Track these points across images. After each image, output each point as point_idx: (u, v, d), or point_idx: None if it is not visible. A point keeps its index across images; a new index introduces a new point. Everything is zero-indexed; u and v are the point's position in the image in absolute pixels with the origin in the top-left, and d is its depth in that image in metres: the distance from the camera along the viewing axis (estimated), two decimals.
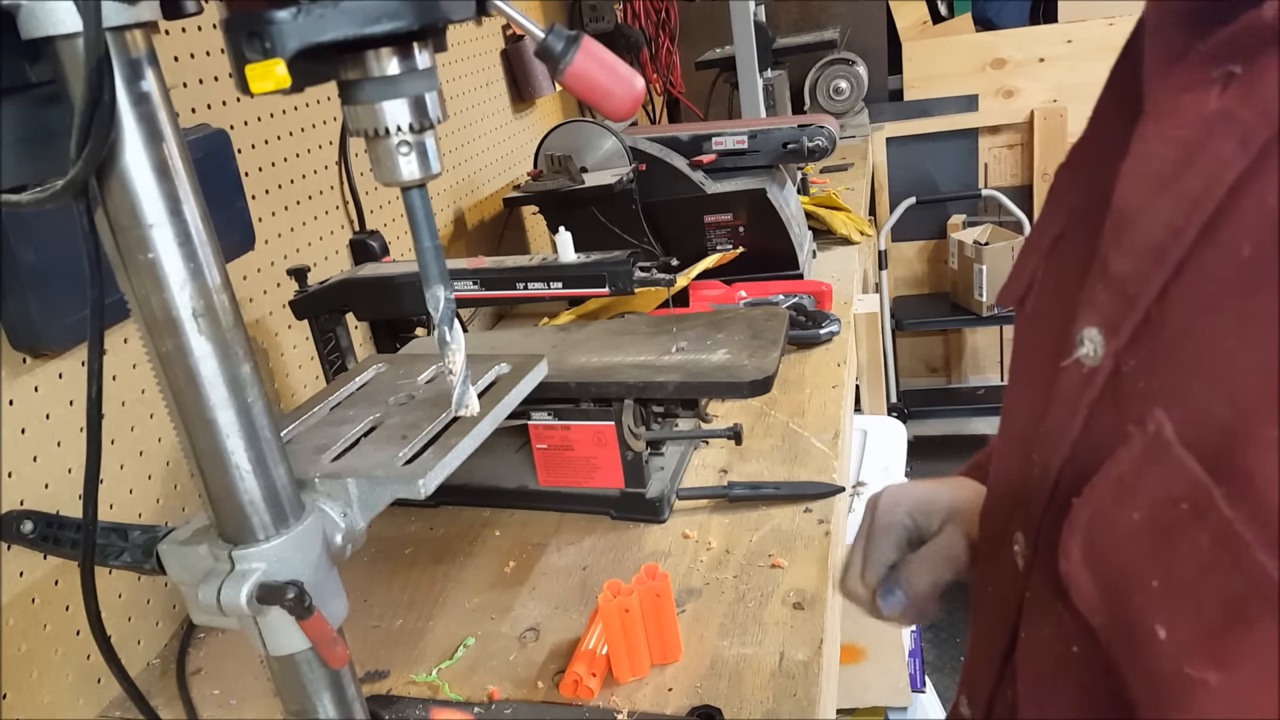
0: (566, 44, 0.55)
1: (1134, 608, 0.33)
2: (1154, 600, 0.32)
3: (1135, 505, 0.33)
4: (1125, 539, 0.33)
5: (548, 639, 0.88)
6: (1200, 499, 0.30)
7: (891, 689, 1.49)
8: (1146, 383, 0.35)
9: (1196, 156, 0.34)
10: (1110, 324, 0.37)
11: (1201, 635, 0.30)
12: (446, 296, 0.56)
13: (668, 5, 2.65)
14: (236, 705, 0.86)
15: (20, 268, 0.75)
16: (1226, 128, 0.33)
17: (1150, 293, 0.35)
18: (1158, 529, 0.32)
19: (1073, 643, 0.40)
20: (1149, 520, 0.32)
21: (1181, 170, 0.34)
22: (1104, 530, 0.35)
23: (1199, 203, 0.33)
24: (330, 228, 1.32)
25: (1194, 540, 0.31)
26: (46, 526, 0.60)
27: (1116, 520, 0.34)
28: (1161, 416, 0.33)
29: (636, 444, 1.03)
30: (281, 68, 0.43)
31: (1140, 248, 0.36)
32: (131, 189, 0.46)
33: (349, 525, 0.60)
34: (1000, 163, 3.38)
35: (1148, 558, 0.32)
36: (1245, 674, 0.29)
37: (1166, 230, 0.34)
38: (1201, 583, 0.30)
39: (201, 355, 0.50)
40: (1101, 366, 0.38)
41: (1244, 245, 0.31)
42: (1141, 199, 0.36)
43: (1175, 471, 0.32)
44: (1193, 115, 0.35)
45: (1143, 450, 0.33)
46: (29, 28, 0.43)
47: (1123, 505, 0.34)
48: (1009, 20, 3.31)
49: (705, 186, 1.56)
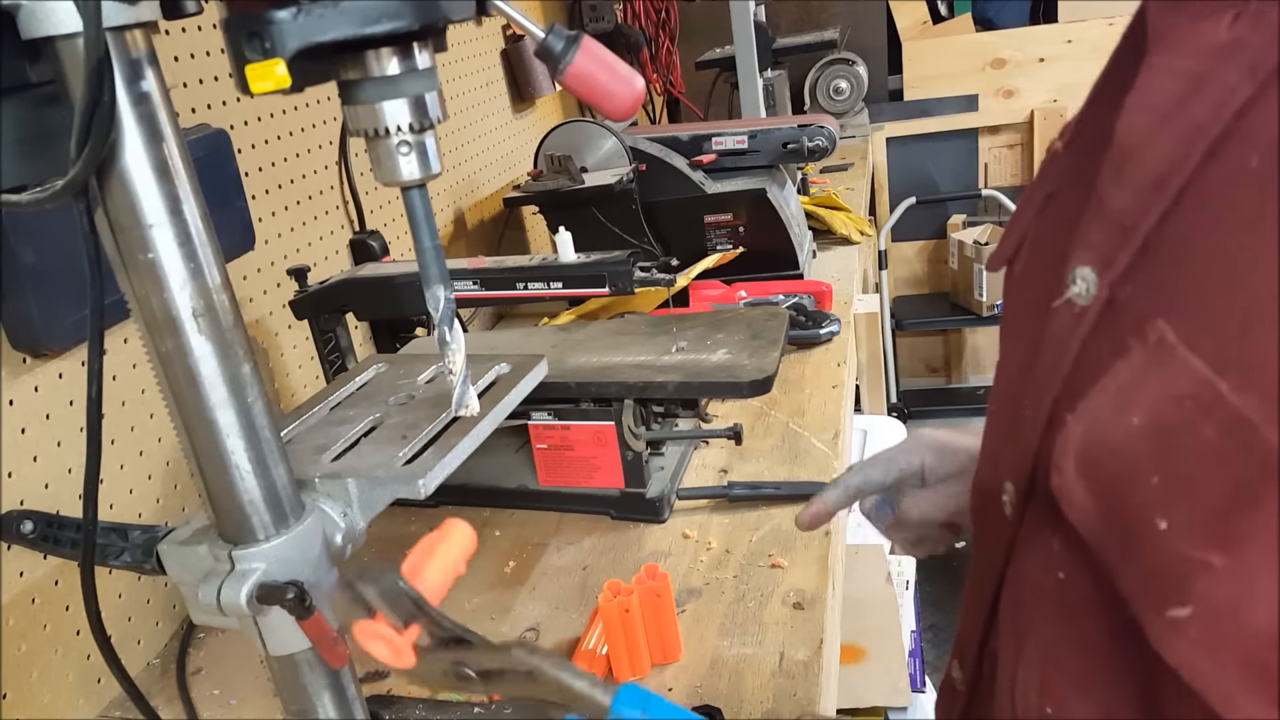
0: (566, 44, 0.55)
1: (1133, 506, 0.33)
2: (1154, 495, 0.32)
3: (1135, 411, 0.33)
4: (1123, 443, 0.34)
5: (548, 639, 0.88)
6: (1205, 394, 0.31)
7: (891, 689, 1.49)
8: (1146, 301, 0.35)
9: (1203, 86, 0.34)
10: (1105, 259, 0.37)
11: (1206, 520, 0.31)
12: (446, 296, 0.56)
13: (668, 5, 2.65)
14: (236, 705, 0.86)
15: (20, 268, 0.75)
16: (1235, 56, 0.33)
17: (1149, 222, 0.35)
18: (1159, 429, 0.32)
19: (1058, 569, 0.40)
20: (1149, 422, 0.33)
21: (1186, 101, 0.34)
22: (1100, 439, 0.35)
23: (1203, 129, 0.33)
24: (330, 228, 1.32)
25: (1198, 433, 0.31)
26: (46, 526, 0.60)
27: (1115, 427, 0.34)
28: (1162, 325, 0.33)
29: (636, 444, 1.03)
30: (281, 68, 0.43)
31: (1140, 181, 0.36)
32: (131, 189, 0.46)
33: (349, 525, 0.60)
34: (1000, 163, 3.38)
35: (1147, 456, 0.33)
36: (1252, 552, 0.30)
37: (1167, 161, 0.34)
38: (1206, 471, 0.31)
39: (201, 355, 0.50)
40: (1095, 300, 0.38)
41: (1251, 158, 0.31)
42: (1144, 133, 0.36)
43: (1178, 372, 0.32)
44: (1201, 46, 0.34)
45: (1144, 358, 0.34)
46: (29, 28, 0.43)
47: (1122, 413, 0.34)
48: (1009, 20, 3.32)
49: (705, 186, 1.56)
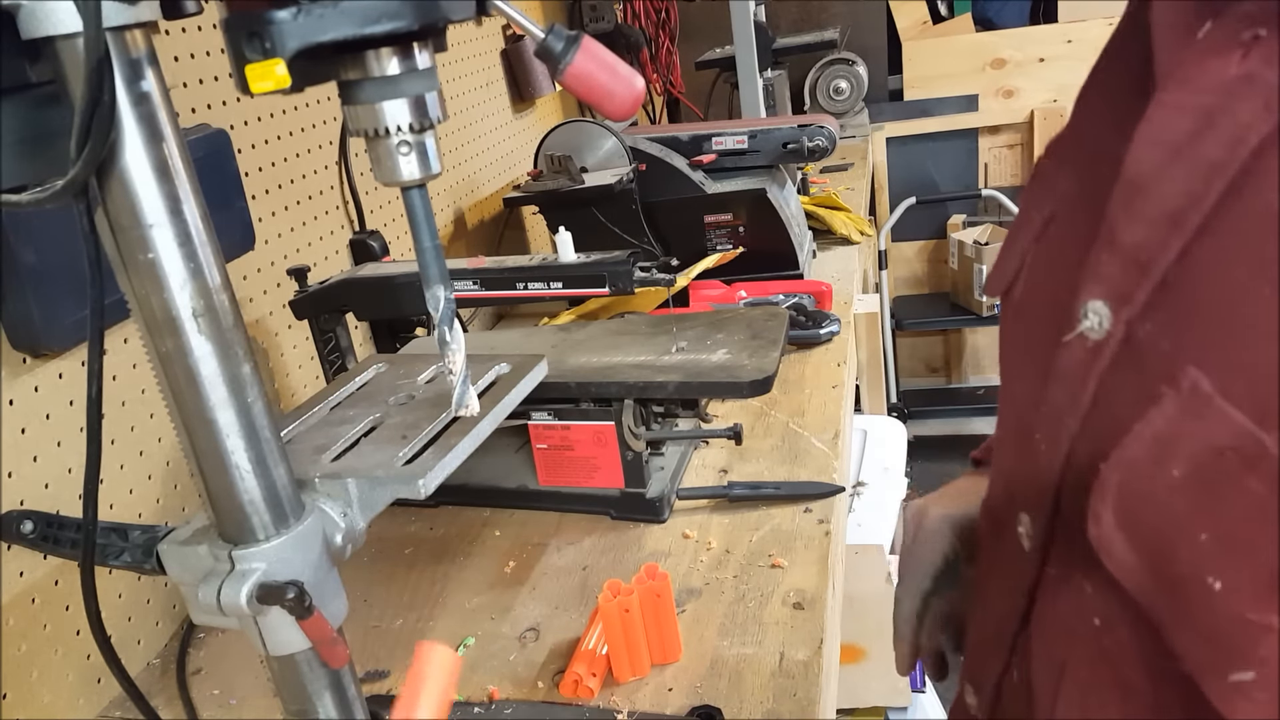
0: (566, 44, 0.55)
1: (1181, 563, 0.32)
2: (1204, 553, 0.32)
3: (1174, 463, 0.33)
4: (1165, 496, 0.33)
5: (548, 639, 0.88)
6: (1248, 447, 0.30)
7: (891, 689, 1.49)
8: (1171, 344, 0.35)
9: (1217, 121, 0.34)
10: (1120, 294, 0.37)
11: (1262, 580, 0.30)
12: (446, 296, 0.56)
13: (668, 5, 2.65)
14: (236, 705, 0.86)
15: (20, 268, 0.75)
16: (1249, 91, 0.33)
17: (1167, 258, 0.35)
18: (1202, 482, 0.32)
19: (1093, 614, 0.40)
20: (1191, 475, 0.32)
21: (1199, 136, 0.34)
22: (1139, 491, 0.34)
23: (1220, 167, 0.33)
24: (330, 228, 1.32)
25: (1244, 488, 0.31)
26: (46, 526, 0.60)
27: (1154, 480, 0.34)
28: (1196, 373, 0.33)
29: (636, 444, 1.03)
30: (281, 68, 0.43)
31: (1154, 215, 0.35)
32: (131, 189, 0.46)
33: (349, 525, 0.60)
34: (1000, 163, 3.38)
35: (1192, 512, 0.32)
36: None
37: (1184, 197, 0.34)
38: (1257, 528, 0.30)
39: (201, 355, 0.50)
40: (1110, 336, 0.37)
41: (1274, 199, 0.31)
42: (1155, 167, 0.36)
43: (1218, 423, 0.31)
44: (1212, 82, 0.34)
45: (1179, 407, 0.33)
46: (29, 28, 0.43)
47: (1161, 464, 0.33)
48: (1009, 20, 3.32)
49: (705, 186, 1.56)
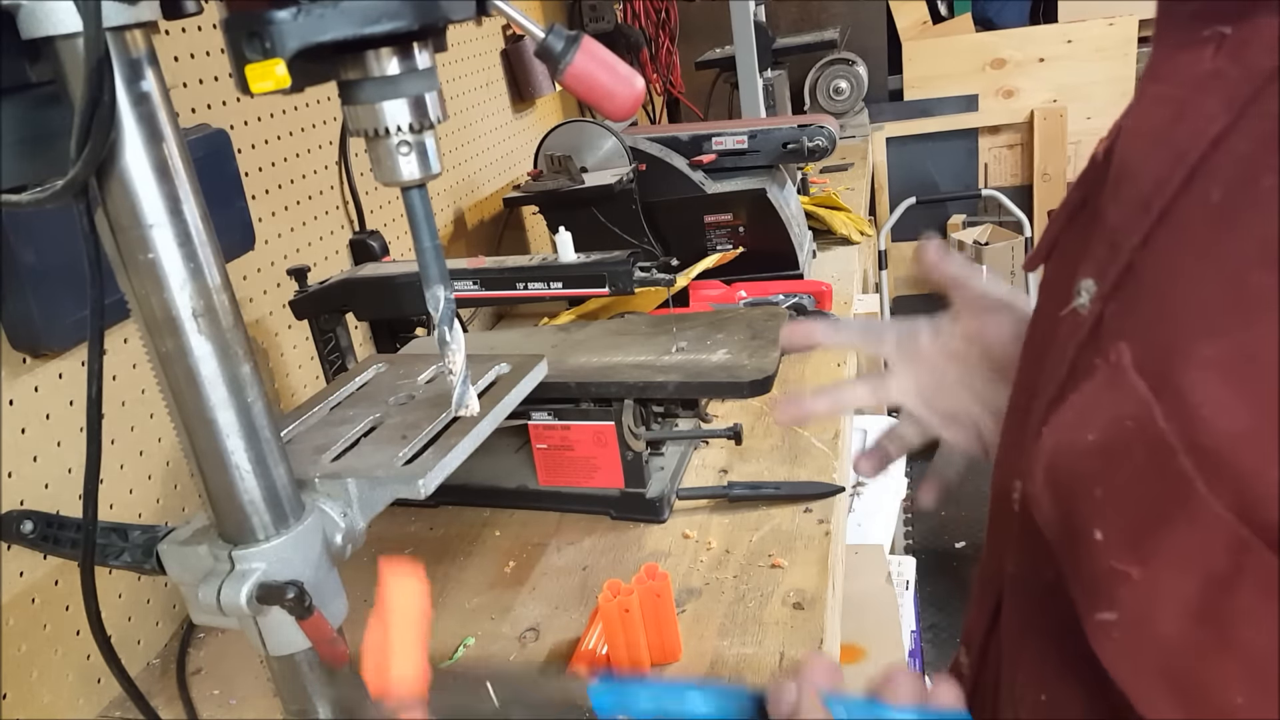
0: (566, 44, 0.55)
1: (1079, 516, 0.36)
2: (1095, 507, 0.35)
3: (1091, 427, 0.36)
4: (1079, 458, 0.36)
5: (548, 639, 0.88)
6: (1143, 415, 0.33)
7: None
8: (1119, 321, 0.37)
9: (1186, 113, 0.36)
10: (1101, 273, 0.39)
11: (1129, 534, 0.33)
12: (446, 296, 0.56)
13: (668, 5, 2.65)
14: (236, 705, 0.86)
15: (20, 268, 0.75)
16: (1215, 85, 0.35)
17: (1134, 241, 0.37)
18: (1106, 446, 0.35)
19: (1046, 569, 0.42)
20: (1100, 440, 0.35)
21: (1173, 126, 0.36)
22: (1063, 452, 0.37)
23: (1183, 155, 0.35)
24: (330, 228, 1.32)
25: (1133, 452, 0.33)
26: (46, 526, 0.60)
27: (1074, 442, 0.37)
28: (1123, 347, 0.35)
29: (636, 444, 1.03)
30: (281, 68, 0.43)
31: (1132, 200, 0.38)
32: (131, 189, 0.46)
33: (349, 525, 0.60)
34: (1000, 163, 3.39)
35: (1095, 471, 0.35)
36: (1160, 566, 0.32)
37: (1153, 182, 0.36)
38: (1133, 489, 0.33)
39: (201, 355, 0.50)
40: (1090, 313, 0.40)
41: (1214, 191, 0.33)
42: (1138, 154, 0.38)
43: (1127, 393, 0.34)
44: (1187, 74, 0.36)
45: (1103, 378, 0.36)
46: (29, 28, 0.43)
47: (1081, 429, 0.36)
48: (1009, 20, 3.32)
49: (705, 186, 1.56)
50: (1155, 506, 0.32)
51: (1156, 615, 0.32)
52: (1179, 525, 0.31)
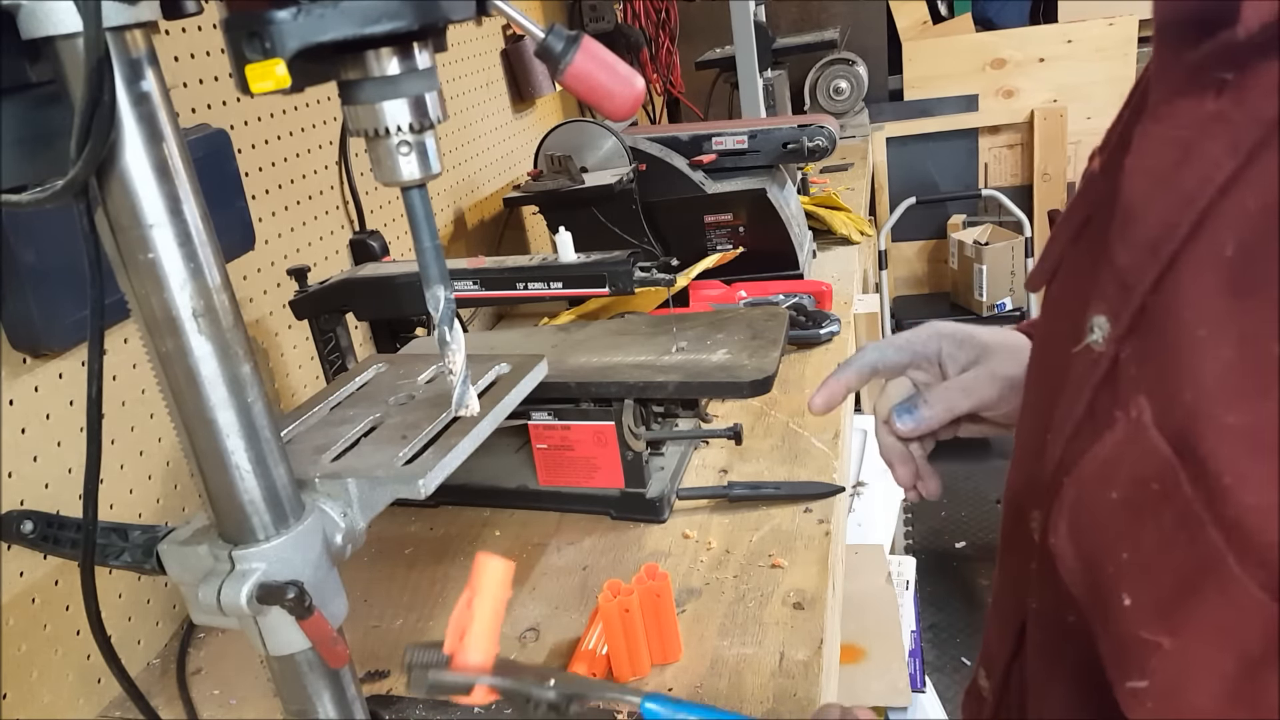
0: (566, 44, 0.55)
1: (1106, 578, 0.35)
2: (1123, 571, 0.34)
3: (1115, 485, 0.35)
4: (1104, 516, 0.36)
5: (548, 639, 0.88)
6: (1168, 479, 0.32)
7: (891, 689, 1.49)
8: (1137, 370, 0.37)
9: (1191, 155, 0.35)
10: (1114, 313, 0.39)
11: (1158, 603, 0.33)
12: (446, 296, 0.56)
13: (668, 5, 2.65)
14: (237, 705, 0.86)
15: (20, 268, 0.75)
16: (1219, 130, 0.34)
17: (1145, 284, 0.37)
18: (1132, 507, 0.34)
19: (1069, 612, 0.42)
20: (1125, 499, 0.35)
21: (1179, 168, 0.36)
22: (1087, 508, 0.37)
23: (1192, 200, 0.35)
24: (330, 228, 1.32)
25: (1159, 518, 0.33)
26: (47, 526, 0.60)
27: (1098, 499, 0.36)
28: (1143, 402, 0.35)
29: (636, 444, 1.03)
30: (281, 68, 0.43)
31: (1140, 241, 0.37)
32: (131, 189, 0.46)
33: (349, 525, 0.60)
34: (1000, 163, 3.39)
35: (1121, 533, 0.35)
36: (1193, 639, 0.31)
37: (1162, 226, 0.36)
38: (1162, 556, 0.33)
39: (201, 355, 0.50)
40: (1105, 353, 0.40)
41: (1227, 244, 0.33)
42: (1143, 195, 0.38)
43: (1149, 453, 0.34)
44: (1190, 116, 0.36)
45: (1124, 434, 0.35)
46: (29, 28, 0.43)
47: (1104, 485, 0.36)
48: (1009, 20, 3.32)
49: (705, 186, 1.56)
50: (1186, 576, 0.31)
51: (1190, 688, 0.31)
52: (1210, 598, 0.30)
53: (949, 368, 0.68)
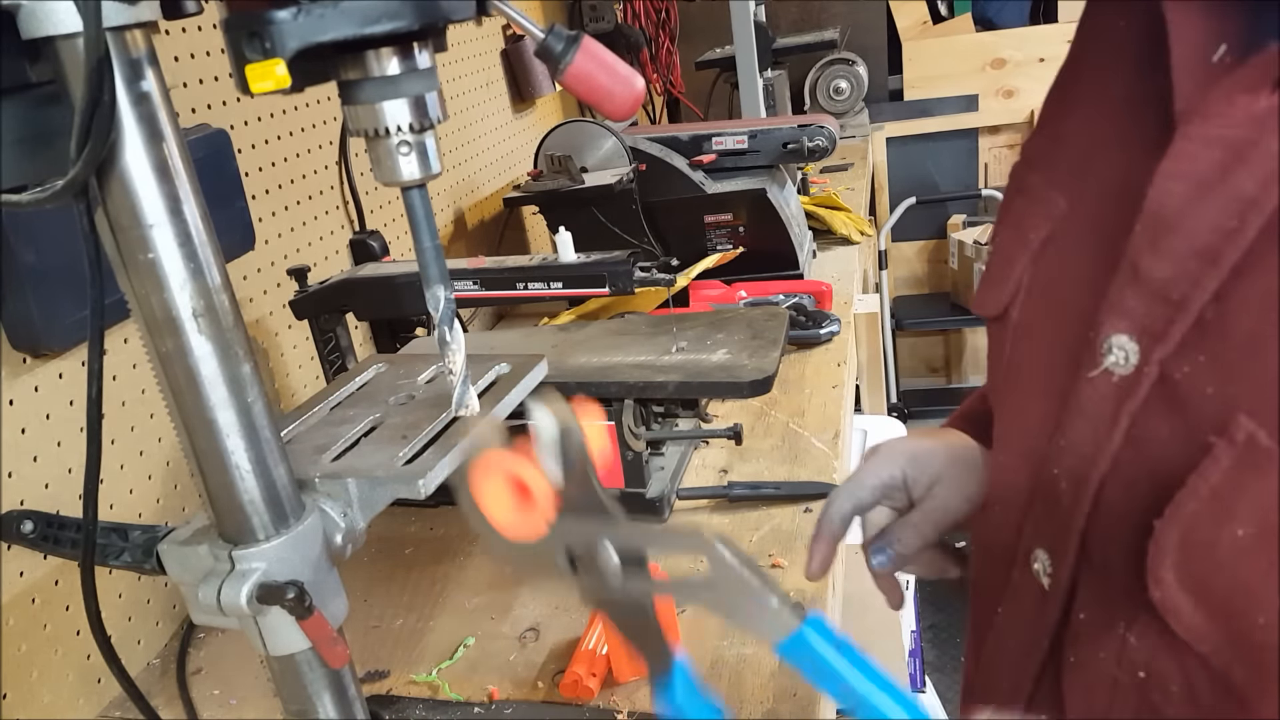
0: (566, 44, 0.55)
1: (1259, 630, 0.31)
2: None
3: (1238, 521, 0.32)
4: (1232, 557, 0.32)
5: (548, 639, 0.88)
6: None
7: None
8: (1216, 389, 0.34)
9: (1248, 155, 0.33)
10: (1149, 330, 0.36)
11: None
12: (446, 296, 0.56)
13: (668, 5, 2.65)
14: (237, 705, 0.86)
15: (20, 267, 0.75)
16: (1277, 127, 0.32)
17: (1202, 296, 0.34)
18: (1271, 543, 0.31)
19: (1139, 667, 0.39)
20: (1259, 534, 0.31)
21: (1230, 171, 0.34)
22: (1203, 552, 0.33)
23: (1256, 203, 0.32)
24: (330, 228, 1.32)
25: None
26: (46, 526, 0.60)
27: (1217, 539, 0.33)
28: (1250, 424, 0.32)
29: (636, 444, 1.03)
30: (281, 68, 0.43)
31: (1184, 251, 0.35)
32: (131, 189, 0.46)
33: (349, 525, 0.60)
34: (1000, 163, 3.38)
35: (1265, 574, 0.31)
36: None
37: (1215, 233, 0.34)
38: None
39: (201, 355, 0.50)
40: (1143, 375, 0.37)
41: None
42: (1182, 201, 0.35)
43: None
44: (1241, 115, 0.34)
45: (1235, 461, 0.32)
46: (29, 27, 0.43)
47: (1222, 523, 0.32)
48: (1009, 20, 3.31)
49: (705, 186, 1.56)
50: None
51: None
52: None
53: (914, 491, 0.67)
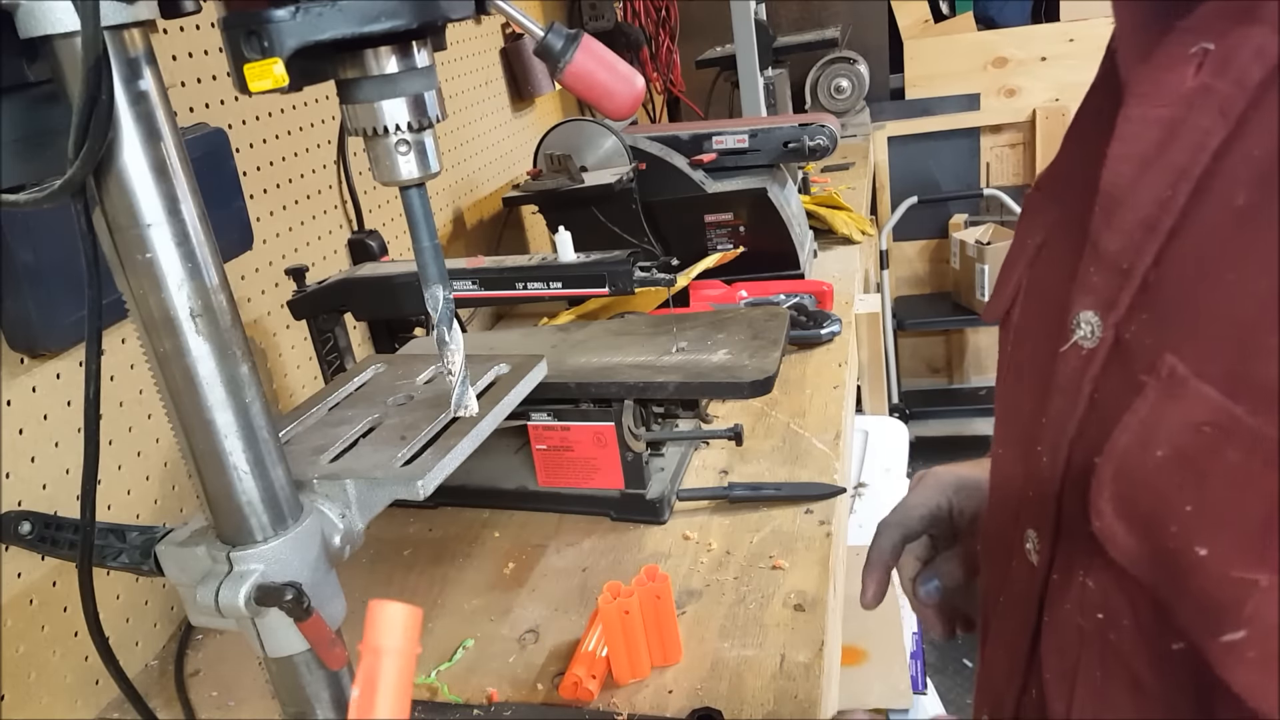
0: (566, 42, 0.55)
1: (1171, 538, 0.34)
2: (1190, 524, 0.33)
3: (1158, 444, 0.34)
4: (1153, 477, 0.35)
5: (547, 641, 0.88)
6: (1222, 419, 0.32)
7: (893, 691, 1.49)
8: (1154, 339, 0.36)
9: (1179, 131, 0.36)
10: (1106, 301, 0.39)
11: (1245, 541, 0.32)
12: (446, 296, 0.56)
13: (668, 3, 2.65)
14: (235, 707, 0.86)
15: (18, 267, 0.75)
16: (1205, 101, 0.35)
17: (1145, 261, 0.37)
18: (1183, 459, 0.34)
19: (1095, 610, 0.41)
20: (1174, 453, 0.34)
21: (1165, 147, 0.36)
22: (1130, 477, 0.36)
23: (1185, 172, 0.35)
24: (329, 227, 1.32)
25: (1223, 458, 0.32)
26: (44, 527, 0.60)
27: (1142, 464, 0.35)
28: (1172, 359, 0.34)
29: (636, 445, 1.03)
30: (280, 67, 0.43)
31: (1131, 224, 0.37)
32: (129, 188, 0.46)
33: (347, 526, 0.60)
34: (1002, 162, 3.38)
35: (1178, 487, 0.34)
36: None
37: (1155, 204, 0.36)
38: (1237, 494, 0.32)
39: (199, 355, 0.50)
40: (1101, 342, 0.39)
41: (1238, 195, 0.33)
42: (1128, 179, 0.38)
43: (1195, 402, 0.33)
44: (1171, 94, 0.36)
45: (1159, 392, 0.35)
46: (27, 27, 0.43)
47: (1146, 448, 0.35)
48: (1011, 19, 3.31)
49: (706, 186, 1.55)
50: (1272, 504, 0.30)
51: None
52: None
53: (958, 522, 0.68)
